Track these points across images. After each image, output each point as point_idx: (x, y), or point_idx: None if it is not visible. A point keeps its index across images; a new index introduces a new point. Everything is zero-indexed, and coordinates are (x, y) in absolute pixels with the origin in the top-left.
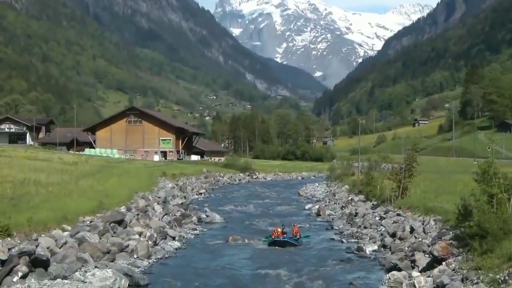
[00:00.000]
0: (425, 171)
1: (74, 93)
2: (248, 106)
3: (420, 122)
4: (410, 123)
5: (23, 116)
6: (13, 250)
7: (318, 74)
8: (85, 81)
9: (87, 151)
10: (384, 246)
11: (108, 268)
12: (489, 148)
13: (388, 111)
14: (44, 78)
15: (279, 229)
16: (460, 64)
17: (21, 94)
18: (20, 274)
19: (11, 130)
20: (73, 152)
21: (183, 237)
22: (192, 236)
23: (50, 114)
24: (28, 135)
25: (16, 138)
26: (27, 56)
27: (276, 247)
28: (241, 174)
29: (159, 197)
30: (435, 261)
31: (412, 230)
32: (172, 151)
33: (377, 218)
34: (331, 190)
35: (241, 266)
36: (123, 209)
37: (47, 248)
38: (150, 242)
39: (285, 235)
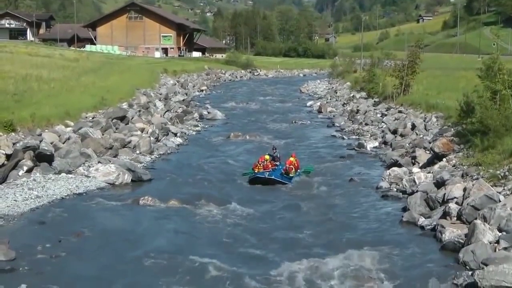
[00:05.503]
0: (428, 68)
1: None
2: (250, 2)
3: (424, 18)
4: (414, 19)
5: (22, 11)
6: (17, 144)
7: None
8: None
9: (88, 47)
10: (385, 142)
11: (111, 163)
12: (494, 44)
13: (392, 7)
14: None
15: (267, 156)
16: None
17: None
18: (25, 168)
19: (11, 25)
20: (74, 48)
21: (185, 134)
22: (194, 133)
23: (50, 9)
24: (28, 31)
25: (16, 34)
26: None
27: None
28: (242, 71)
29: (160, 94)
30: (435, 157)
31: (413, 127)
32: (173, 48)
33: (378, 115)
34: (332, 87)
35: (243, 162)
36: (125, 105)
37: (51, 143)
38: (152, 138)
39: (276, 165)
